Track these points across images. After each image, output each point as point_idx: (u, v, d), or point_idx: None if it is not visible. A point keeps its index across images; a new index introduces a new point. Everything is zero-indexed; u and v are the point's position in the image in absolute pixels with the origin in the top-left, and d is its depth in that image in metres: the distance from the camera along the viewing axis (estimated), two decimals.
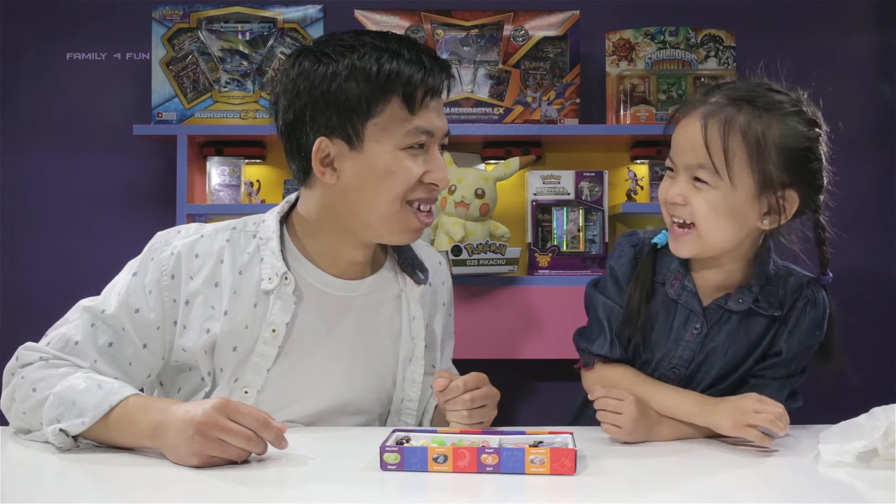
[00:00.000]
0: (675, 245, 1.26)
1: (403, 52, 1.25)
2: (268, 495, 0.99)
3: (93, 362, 1.23)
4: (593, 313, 1.34)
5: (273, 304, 1.28)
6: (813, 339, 1.31)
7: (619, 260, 1.33)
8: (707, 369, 1.31)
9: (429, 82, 1.26)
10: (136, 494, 1.01)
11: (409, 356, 1.37)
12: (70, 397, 1.14)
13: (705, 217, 1.22)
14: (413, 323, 1.37)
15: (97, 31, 2.49)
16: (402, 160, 1.26)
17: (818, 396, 2.48)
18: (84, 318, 1.26)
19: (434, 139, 1.29)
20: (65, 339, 1.24)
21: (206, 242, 1.31)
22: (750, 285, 1.29)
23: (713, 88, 1.27)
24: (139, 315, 1.27)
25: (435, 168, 1.28)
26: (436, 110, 1.29)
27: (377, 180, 1.26)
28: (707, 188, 1.22)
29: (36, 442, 1.18)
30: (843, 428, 1.12)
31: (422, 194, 1.29)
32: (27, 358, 1.23)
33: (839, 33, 2.53)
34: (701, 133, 1.21)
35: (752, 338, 1.30)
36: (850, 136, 2.51)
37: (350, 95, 1.23)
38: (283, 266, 1.28)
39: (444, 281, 1.48)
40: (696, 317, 1.29)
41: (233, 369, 1.28)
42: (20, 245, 2.48)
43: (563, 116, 2.35)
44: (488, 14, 2.38)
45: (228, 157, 2.38)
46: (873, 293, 2.53)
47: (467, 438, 1.12)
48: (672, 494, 1.03)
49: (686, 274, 1.30)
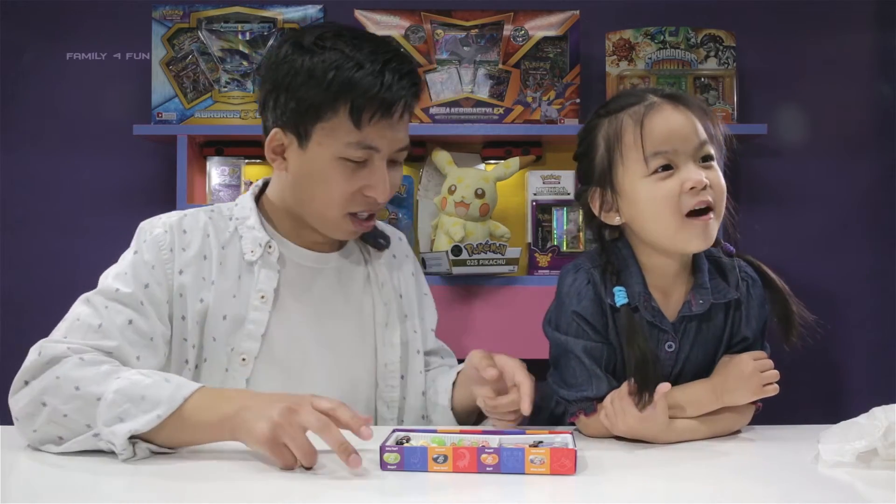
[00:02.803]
0: (705, 231, 1.21)
1: (367, 63, 1.24)
2: (267, 495, 0.99)
3: (119, 343, 1.21)
4: (573, 360, 1.27)
5: (259, 272, 1.34)
6: (765, 313, 1.33)
7: (580, 303, 1.26)
8: (684, 378, 1.30)
9: (381, 99, 1.25)
10: (135, 495, 1.01)
11: (385, 321, 1.43)
12: (137, 392, 1.09)
13: (721, 193, 1.22)
14: (383, 289, 1.44)
15: (97, 31, 2.49)
16: (338, 169, 1.29)
17: (818, 396, 2.49)
18: (96, 304, 1.25)
19: (380, 154, 1.29)
20: (84, 326, 1.21)
21: (190, 219, 1.36)
22: (701, 283, 1.29)
23: (643, 91, 1.28)
24: (149, 290, 1.28)
25: (375, 183, 1.30)
26: (388, 127, 1.28)
27: (314, 182, 1.31)
28: (714, 165, 1.23)
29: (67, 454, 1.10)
30: (843, 428, 1.11)
31: (359, 207, 1.32)
32: (52, 351, 1.15)
33: (839, 33, 2.53)
34: (689, 115, 1.23)
35: (714, 331, 1.31)
36: (850, 136, 2.54)
37: (304, 95, 1.26)
38: (266, 236, 1.35)
39: (407, 254, 1.55)
40: (666, 334, 1.28)
41: (226, 338, 1.31)
42: (20, 245, 2.48)
43: (563, 116, 2.35)
44: (488, 14, 2.38)
45: (228, 157, 2.38)
46: (873, 293, 2.53)
47: (467, 438, 1.12)
48: (672, 494, 1.03)
49: (649, 295, 1.27)
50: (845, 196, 2.54)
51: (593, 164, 1.28)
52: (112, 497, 1.01)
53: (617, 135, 1.25)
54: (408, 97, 1.28)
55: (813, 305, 1.29)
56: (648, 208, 1.22)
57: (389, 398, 1.42)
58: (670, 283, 1.29)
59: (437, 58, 2.37)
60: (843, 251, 2.53)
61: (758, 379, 1.24)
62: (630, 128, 1.23)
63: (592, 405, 1.25)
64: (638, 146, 1.22)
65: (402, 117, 1.30)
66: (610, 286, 1.25)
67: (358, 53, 1.25)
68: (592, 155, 1.29)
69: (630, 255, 1.29)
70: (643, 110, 1.24)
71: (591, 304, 1.27)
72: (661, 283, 1.29)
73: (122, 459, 1.07)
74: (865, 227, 2.53)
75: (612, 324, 1.27)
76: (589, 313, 1.26)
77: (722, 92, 2.36)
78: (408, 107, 1.30)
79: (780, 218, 2.51)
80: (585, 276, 1.28)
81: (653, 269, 1.28)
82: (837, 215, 2.53)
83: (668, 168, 1.21)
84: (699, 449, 1.21)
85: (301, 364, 1.36)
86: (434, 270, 2.20)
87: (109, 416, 1.08)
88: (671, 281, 1.29)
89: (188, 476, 1.04)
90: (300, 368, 1.35)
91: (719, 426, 1.27)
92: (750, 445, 1.24)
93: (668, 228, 1.21)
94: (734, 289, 1.30)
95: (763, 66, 2.51)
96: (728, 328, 1.31)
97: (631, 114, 1.24)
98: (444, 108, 2.35)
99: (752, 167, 2.51)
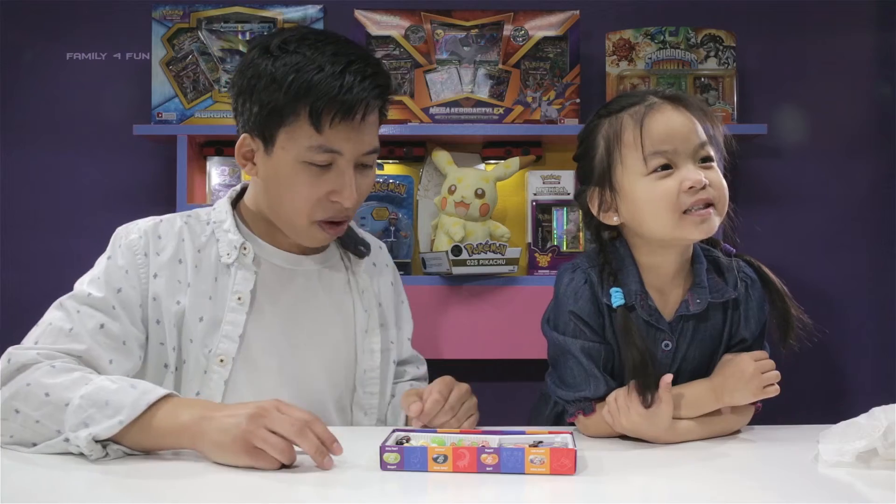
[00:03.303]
0: (705, 226, 1.21)
1: (327, 65, 1.23)
2: (267, 495, 0.99)
3: (88, 346, 1.22)
4: (571, 360, 1.28)
5: (235, 273, 1.34)
6: (764, 314, 1.33)
7: (577, 303, 1.27)
8: (681, 377, 1.29)
9: (341, 101, 1.23)
10: (135, 494, 1.01)
11: (366, 328, 1.42)
12: (102, 398, 1.11)
13: (722, 192, 1.23)
14: (364, 296, 1.44)
15: (97, 31, 2.49)
16: (302, 174, 1.27)
17: (818, 396, 2.49)
18: (68, 308, 1.26)
19: (345, 158, 1.27)
20: (55, 330, 1.23)
21: (166, 225, 1.37)
22: (699, 282, 1.29)
23: (644, 92, 1.29)
24: (122, 294, 1.28)
25: (341, 188, 1.28)
26: (351, 129, 1.26)
27: (280, 188, 1.30)
28: (714, 165, 1.24)
29: (42, 454, 1.12)
30: (843, 428, 1.12)
31: (327, 213, 1.30)
32: (22, 358, 1.17)
33: (839, 33, 2.53)
34: (689, 117, 1.24)
35: (712, 331, 1.31)
36: (850, 136, 2.54)
37: (267, 99, 1.25)
38: (240, 238, 1.35)
39: (387, 263, 1.54)
40: (663, 333, 1.29)
41: (203, 340, 1.31)
42: (20, 245, 2.48)
43: (563, 116, 2.35)
44: (488, 14, 2.38)
45: (228, 157, 2.38)
46: (873, 293, 2.53)
47: (467, 438, 1.12)
48: (672, 494, 1.03)
49: (646, 294, 1.28)
50: (845, 196, 2.53)
51: (593, 164, 1.29)
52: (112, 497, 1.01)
53: (617, 134, 1.26)
54: (369, 99, 1.25)
55: (812, 305, 1.29)
56: (647, 207, 1.23)
57: (368, 405, 1.42)
58: (668, 282, 1.29)
59: (437, 58, 2.37)
60: (843, 251, 2.53)
61: (759, 380, 1.24)
62: (630, 127, 1.24)
63: (591, 405, 1.26)
64: (637, 145, 1.23)
65: (364, 119, 1.26)
66: (607, 287, 1.26)
67: (319, 56, 1.24)
68: (592, 155, 1.29)
69: (628, 254, 1.29)
70: (643, 110, 1.24)
71: (587, 304, 1.27)
72: (659, 282, 1.29)
73: (91, 460, 1.09)
74: (865, 227, 2.53)
75: (609, 323, 1.27)
76: (586, 313, 1.27)
77: (722, 92, 2.36)
78: (371, 108, 1.27)
79: (780, 218, 2.51)
80: (583, 275, 1.29)
81: (651, 269, 1.28)
82: (837, 215, 2.53)
83: (667, 168, 1.22)
84: (699, 449, 1.21)
85: (279, 365, 1.35)
86: (434, 270, 2.20)
87: (75, 421, 1.10)
88: (669, 280, 1.29)
89: (185, 475, 1.05)
90: (278, 370, 1.35)
91: (719, 427, 1.27)
92: (750, 445, 1.24)
93: (666, 225, 1.22)
94: (732, 288, 1.30)
95: (763, 66, 2.51)
96: (727, 328, 1.31)
97: (631, 114, 1.25)
98: (444, 108, 2.35)
99: (751, 167, 2.51)
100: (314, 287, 1.40)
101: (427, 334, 1.57)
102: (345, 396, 1.42)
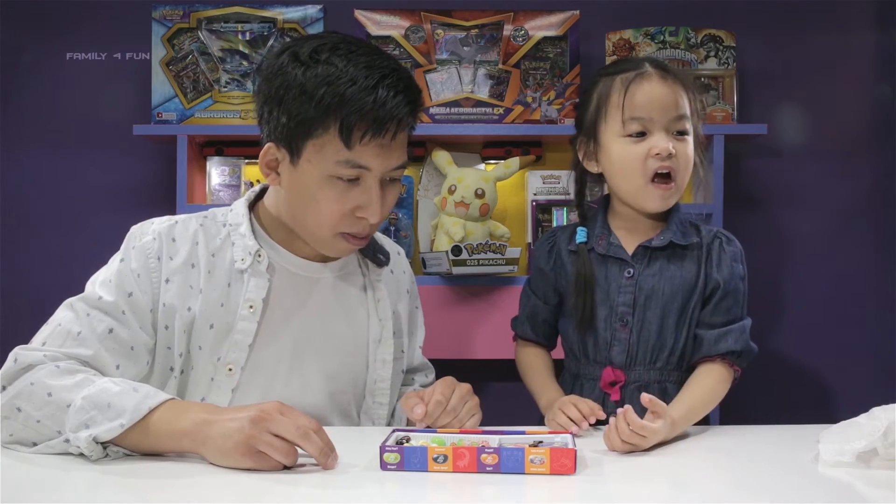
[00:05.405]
0: (664, 197, 1.36)
1: (360, 79, 1.19)
2: (267, 495, 0.99)
3: (95, 351, 1.22)
4: (525, 301, 1.55)
5: (248, 281, 1.31)
6: (739, 269, 1.41)
7: (537, 252, 1.53)
8: (652, 314, 1.39)
9: (373, 117, 1.20)
10: (135, 494, 1.01)
11: (379, 337, 1.40)
12: (104, 400, 1.10)
13: (687, 165, 1.36)
14: (379, 305, 1.41)
15: (97, 31, 2.49)
16: (328, 188, 1.24)
17: (818, 396, 2.49)
18: (78, 310, 1.25)
19: (373, 174, 1.25)
20: (63, 332, 1.22)
21: (181, 227, 1.34)
22: (668, 228, 1.40)
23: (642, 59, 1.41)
24: (133, 298, 1.27)
25: (367, 204, 1.26)
26: (381, 146, 1.23)
27: (305, 200, 1.27)
28: (687, 139, 1.36)
29: (42, 454, 1.12)
30: (843, 428, 1.12)
31: (352, 228, 1.28)
32: (28, 359, 1.17)
33: (839, 33, 2.53)
34: (675, 89, 1.35)
35: (684, 274, 1.39)
36: (850, 136, 2.54)
37: (296, 110, 1.22)
38: (256, 244, 1.32)
39: (404, 270, 1.53)
40: (625, 263, 1.41)
41: (212, 347, 1.29)
42: (20, 245, 2.48)
43: (563, 116, 2.35)
44: (488, 14, 2.38)
45: (228, 157, 2.38)
46: (873, 293, 2.53)
47: (467, 438, 1.12)
48: (672, 494, 1.03)
49: (610, 233, 1.43)
50: (845, 196, 2.53)
51: (585, 116, 1.43)
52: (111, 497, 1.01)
53: (607, 94, 1.39)
54: (402, 115, 1.22)
55: (813, 305, 1.29)
56: (618, 165, 1.38)
57: (377, 415, 1.41)
58: (639, 224, 1.42)
59: (437, 58, 2.37)
60: (843, 251, 2.53)
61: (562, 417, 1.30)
62: (617, 90, 1.37)
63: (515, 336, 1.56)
64: (619, 108, 1.36)
65: (395, 136, 1.23)
66: (575, 230, 1.45)
67: (352, 68, 1.20)
68: (587, 108, 1.43)
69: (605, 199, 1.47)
70: (633, 76, 1.36)
71: (544, 253, 1.50)
72: (628, 224, 1.43)
73: (92, 461, 1.09)
74: (865, 227, 2.53)
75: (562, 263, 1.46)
76: (541, 257, 1.50)
77: (722, 92, 2.35)
78: (402, 126, 1.24)
79: (780, 218, 2.51)
80: (551, 234, 1.51)
81: (625, 214, 1.43)
82: (837, 215, 2.53)
83: (642, 134, 1.35)
84: (699, 449, 1.21)
85: (287, 373, 1.33)
86: (434, 270, 2.20)
87: (76, 422, 1.10)
88: (641, 222, 1.42)
89: (185, 475, 1.04)
90: (286, 378, 1.33)
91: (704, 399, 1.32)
92: (750, 445, 1.24)
93: (630, 187, 1.38)
94: (697, 236, 1.40)
95: (763, 66, 2.51)
96: (701, 275, 1.39)
97: (622, 78, 1.37)
98: (444, 108, 2.35)
99: (751, 167, 2.51)
100: (328, 296, 1.37)
101: (427, 334, 1.57)
102: (352, 405, 1.40)
